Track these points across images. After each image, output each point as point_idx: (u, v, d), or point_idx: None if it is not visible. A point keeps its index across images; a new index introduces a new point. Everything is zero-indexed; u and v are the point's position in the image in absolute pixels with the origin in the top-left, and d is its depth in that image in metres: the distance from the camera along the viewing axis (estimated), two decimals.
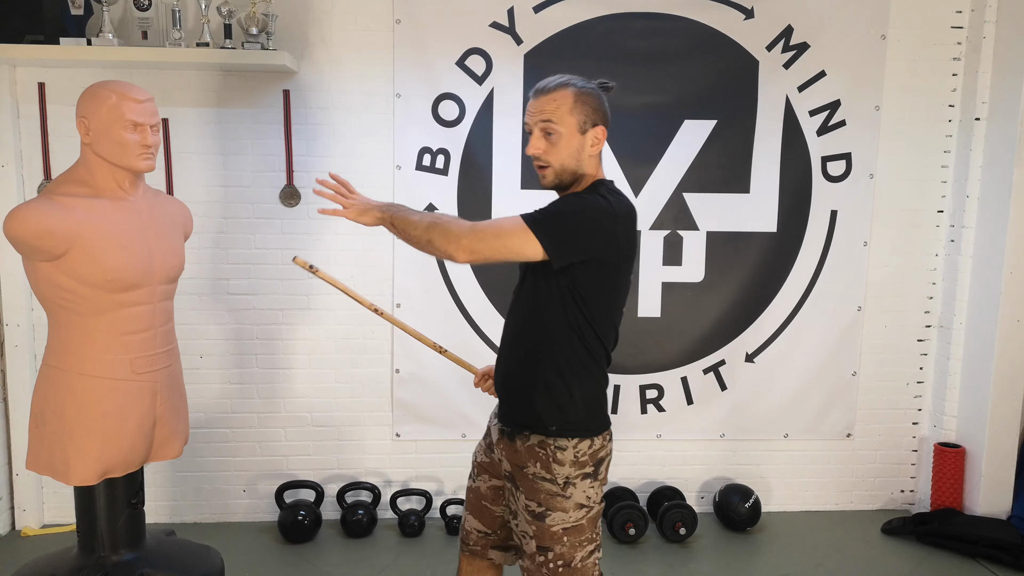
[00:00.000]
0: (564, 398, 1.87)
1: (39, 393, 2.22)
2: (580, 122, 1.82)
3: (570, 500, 1.88)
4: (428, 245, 1.81)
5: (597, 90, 1.88)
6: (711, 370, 3.55)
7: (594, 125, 1.84)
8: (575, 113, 1.82)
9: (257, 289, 3.35)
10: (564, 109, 1.81)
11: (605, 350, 1.91)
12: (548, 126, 1.82)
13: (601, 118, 1.85)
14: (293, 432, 3.46)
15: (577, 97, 1.82)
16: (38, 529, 3.34)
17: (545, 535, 1.89)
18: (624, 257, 1.85)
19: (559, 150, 1.83)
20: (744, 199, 3.44)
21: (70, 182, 2.17)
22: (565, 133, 1.82)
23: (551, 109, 1.82)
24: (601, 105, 1.86)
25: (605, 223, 1.78)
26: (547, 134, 1.83)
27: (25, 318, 3.23)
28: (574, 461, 1.87)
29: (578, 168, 1.85)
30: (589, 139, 1.84)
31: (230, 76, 3.23)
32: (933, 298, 3.60)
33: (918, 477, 3.71)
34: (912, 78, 3.44)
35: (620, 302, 1.92)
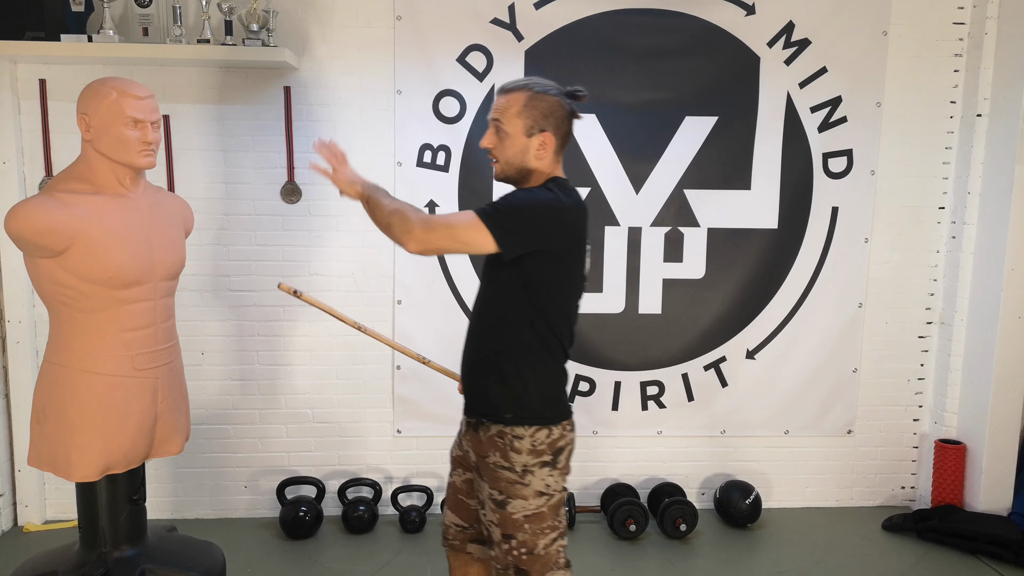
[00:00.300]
0: (519, 388, 1.93)
1: (40, 389, 2.22)
2: (527, 126, 1.89)
3: (529, 488, 1.94)
4: (387, 229, 1.89)
5: (556, 97, 1.91)
6: (712, 367, 3.55)
7: (541, 131, 1.89)
8: (523, 116, 1.88)
9: (258, 286, 3.35)
10: (513, 111, 1.89)
11: (559, 342, 1.96)
12: (498, 124, 1.92)
13: (551, 124, 1.90)
14: (294, 428, 3.46)
15: (528, 101, 1.89)
16: (40, 525, 3.34)
17: (507, 523, 1.95)
18: (573, 249, 1.91)
19: (506, 148, 1.92)
20: (745, 196, 3.43)
21: (71, 179, 2.17)
22: (511, 133, 1.90)
23: (502, 108, 1.91)
24: (554, 112, 1.90)
25: (552, 215, 1.85)
26: (497, 131, 1.92)
27: (27, 314, 3.23)
28: (531, 450, 1.93)
29: (524, 166, 1.92)
30: (535, 143, 1.90)
31: (231, 73, 3.23)
32: (934, 294, 3.60)
33: (919, 474, 3.71)
34: (914, 74, 3.44)
35: (572, 294, 1.97)
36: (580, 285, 1.99)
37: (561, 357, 1.99)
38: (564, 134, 1.94)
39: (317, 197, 3.33)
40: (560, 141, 1.93)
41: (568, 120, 1.94)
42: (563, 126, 1.93)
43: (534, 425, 1.93)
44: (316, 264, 3.37)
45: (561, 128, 1.92)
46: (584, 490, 3.60)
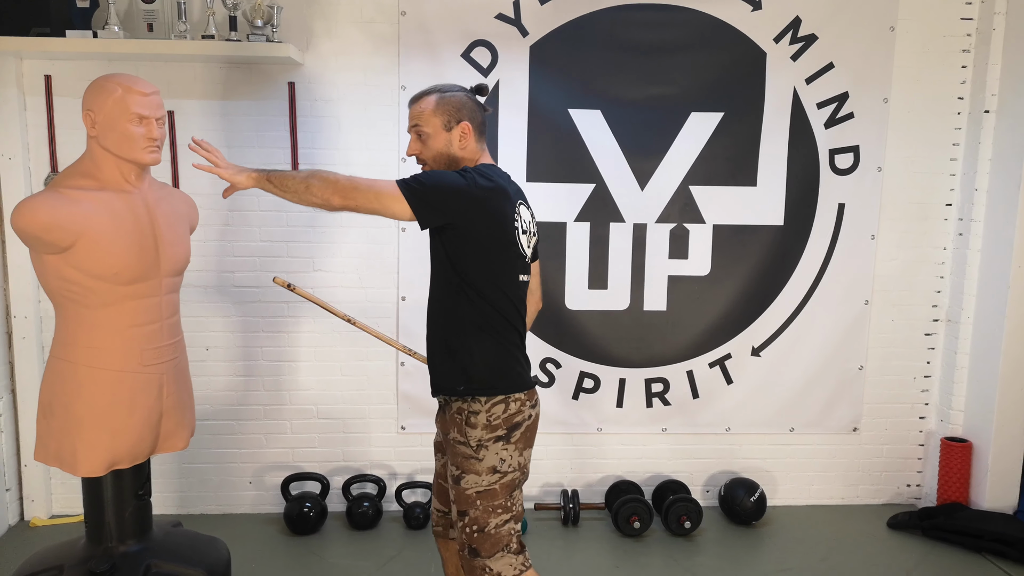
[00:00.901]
0: (465, 359, 2.02)
1: (47, 385, 2.23)
2: (444, 121, 2.07)
3: (482, 463, 2.01)
4: (307, 192, 1.94)
5: (461, 93, 2.10)
6: (717, 364, 3.55)
7: (458, 122, 2.07)
8: (438, 114, 2.06)
9: (263, 282, 3.35)
10: (428, 112, 2.07)
11: (502, 316, 2.03)
12: (418, 129, 2.09)
13: (466, 115, 2.08)
14: (299, 424, 3.47)
15: (439, 101, 2.07)
16: (46, 519, 3.36)
17: (461, 498, 2.03)
18: (493, 228, 2.00)
19: (430, 147, 2.09)
20: (751, 192, 3.42)
21: (76, 175, 2.17)
22: (432, 132, 2.07)
23: (417, 114, 2.09)
24: (466, 104, 2.08)
25: (463, 194, 1.95)
26: (419, 136, 2.09)
27: (32, 310, 3.24)
28: (486, 424, 2.01)
29: (450, 157, 2.09)
30: (455, 134, 2.07)
31: (235, 68, 3.22)
32: (941, 292, 3.59)
33: (924, 471, 3.70)
34: (921, 70, 3.41)
35: (502, 271, 2.04)
36: (512, 264, 2.05)
37: (508, 331, 2.05)
38: (479, 123, 2.11)
39: None
40: (478, 130, 2.10)
41: (480, 111, 2.12)
42: (476, 116, 2.10)
43: (486, 396, 2.01)
44: (320, 260, 3.37)
45: (475, 118, 2.10)
46: (588, 487, 3.60)
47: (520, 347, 2.11)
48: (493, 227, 2.00)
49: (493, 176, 2.04)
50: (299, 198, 1.97)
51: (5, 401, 3.24)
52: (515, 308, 2.08)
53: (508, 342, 2.06)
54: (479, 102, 2.14)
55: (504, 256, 2.04)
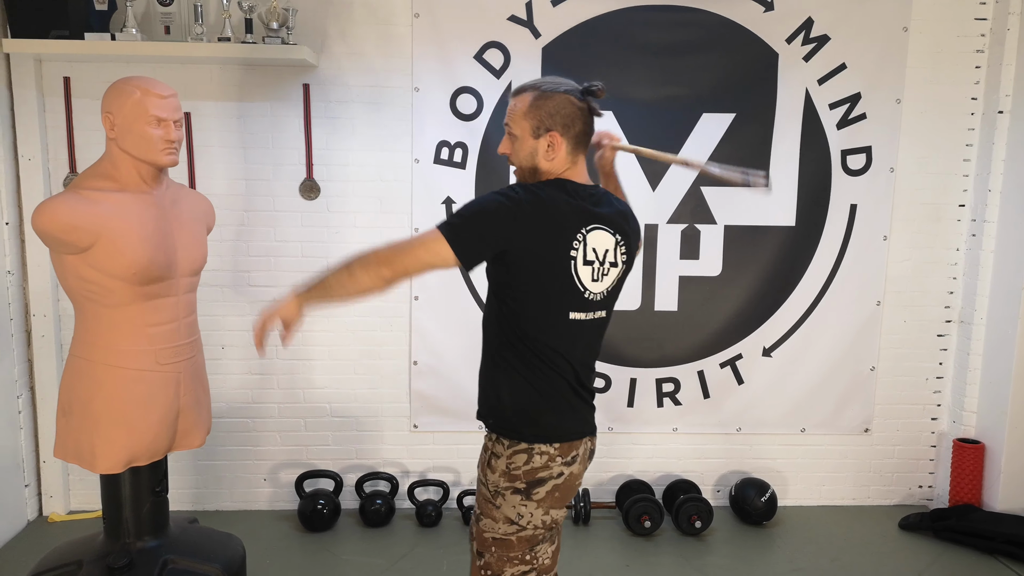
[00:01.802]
0: (497, 391, 1.86)
1: (66, 383, 2.27)
2: (533, 127, 1.81)
3: (499, 511, 1.84)
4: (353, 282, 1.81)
5: (564, 94, 1.81)
6: (728, 364, 3.55)
7: (548, 131, 1.80)
8: (528, 118, 1.81)
9: (278, 281, 3.39)
10: (519, 113, 1.82)
11: (536, 355, 1.80)
12: (508, 128, 1.86)
13: (558, 123, 1.80)
14: (313, 422, 3.50)
15: (534, 102, 1.80)
16: (64, 515, 3.41)
17: (478, 538, 1.90)
18: (527, 252, 1.75)
19: (517, 151, 1.85)
20: (763, 193, 3.42)
21: (96, 176, 2.21)
22: (519, 136, 1.83)
23: (510, 112, 1.85)
24: (561, 110, 1.80)
25: (499, 216, 1.73)
26: (509, 135, 1.86)
27: (51, 308, 3.29)
28: (504, 472, 1.83)
29: (534, 168, 1.84)
30: (542, 144, 1.81)
31: (251, 70, 3.26)
32: (953, 293, 3.58)
33: (936, 473, 3.69)
34: (934, 71, 3.40)
35: (543, 304, 1.80)
36: (561, 299, 1.79)
37: (548, 374, 1.81)
38: (577, 133, 1.81)
39: (335, 194, 3.36)
40: (572, 141, 1.81)
41: (582, 118, 1.81)
42: (574, 125, 1.80)
43: (508, 439, 1.83)
44: (335, 260, 3.38)
45: (572, 127, 1.80)
46: (599, 486, 3.61)
47: (563, 393, 1.84)
48: (537, 251, 1.75)
49: (548, 193, 1.78)
50: (349, 291, 1.81)
51: (24, 398, 3.29)
52: (561, 350, 1.82)
53: (547, 386, 1.82)
54: (587, 106, 1.83)
55: (550, 288, 1.78)
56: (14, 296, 3.21)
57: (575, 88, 1.83)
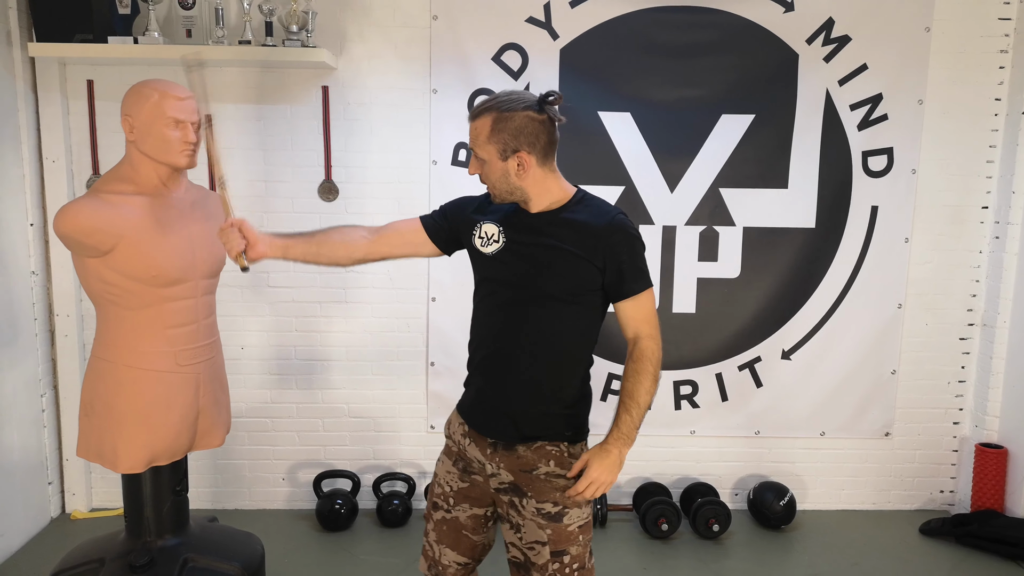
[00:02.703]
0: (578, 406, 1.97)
1: (88, 384, 2.29)
2: (499, 150, 1.78)
3: None
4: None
5: (525, 111, 1.76)
6: (746, 367, 3.53)
7: (515, 151, 1.77)
8: (492, 141, 1.77)
9: (296, 282, 3.41)
10: (482, 139, 1.78)
11: None
12: (474, 153, 1.83)
13: (524, 142, 1.76)
14: (330, 423, 3.52)
15: (495, 124, 1.76)
16: (87, 513, 3.45)
17: (561, 537, 1.86)
18: None
19: (488, 174, 1.83)
20: (782, 194, 3.40)
21: (116, 180, 2.23)
22: (487, 160, 1.80)
23: (473, 138, 1.82)
24: (525, 128, 1.76)
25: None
26: (477, 159, 1.84)
27: (74, 309, 3.33)
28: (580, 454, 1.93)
29: (513, 188, 1.82)
30: (512, 164, 1.78)
31: (271, 73, 3.28)
32: (976, 296, 3.53)
33: (958, 478, 3.65)
34: (957, 71, 3.36)
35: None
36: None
37: None
38: (544, 145, 1.80)
39: (354, 195, 3.37)
40: (541, 154, 1.80)
41: (546, 130, 1.79)
42: (539, 138, 1.78)
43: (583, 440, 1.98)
44: None
45: (538, 141, 1.78)
46: (616, 488, 3.60)
47: None
48: None
49: None
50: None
51: (48, 397, 3.33)
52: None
53: None
54: (548, 116, 1.80)
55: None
56: (38, 296, 3.26)
57: (532, 101, 1.78)
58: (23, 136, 3.15)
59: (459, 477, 1.98)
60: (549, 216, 1.86)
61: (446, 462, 2.02)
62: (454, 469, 1.99)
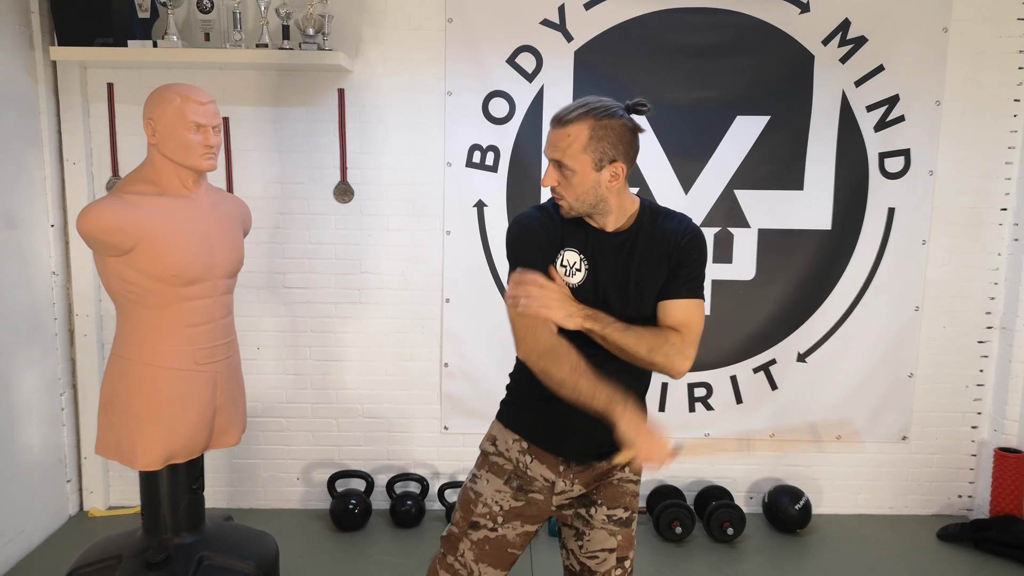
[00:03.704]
0: None
1: (108, 382, 2.32)
2: (595, 160, 1.68)
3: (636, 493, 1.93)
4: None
5: (623, 118, 1.70)
6: (761, 369, 3.51)
7: (612, 161, 1.69)
8: (589, 151, 1.67)
9: (311, 283, 3.43)
10: (577, 147, 1.67)
11: None
12: (560, 163, 1.71)
13: (622, 152, 1.69)
14: (345, 423, 3.54)
15: (593, 132, 1.67)
16: (104, 510, 3.49)
17: (627, 542, 1.86)
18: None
19: (573, 186, 1.71)
20: (798, 196, 3.38)
21: (138, 181, 2.27)
22: (578, 171, 1.69)
23: (564, 147, 1.69)
24: (624, 137, 1.69)
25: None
26: (561, 169, 1.71)
27: (93, 309, 3.37)
28: None
29: (597, 201, 1.73)
30: (606, 175, 1.70)
31: (287, 75, 3.31)
32: (995, 298, 3.49)
33: (977, 482, 3.60)
34: (975, 72, 3.33)
35: None
36: None
37: None
38: (634, 156, 1.74)
39: (369, 197, 3.39)
40: (631, 166, 1.73)
41: (636, 140, 1.72)
42: (632, 148, 1.72)
43: None
44: (367, 262, 3.43)
45: (632, 151, 1.72)
46: None
47: None
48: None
49: None
50: None
51: (67, 396, 3.37)
52: None
53: None
54: (634, 126, 1.72)
55: None
56: (58, 296, 3.30)
57: (622, 108, 1.72)
58: (44, 138, 3.20)
59: (512, 496, 1.89)
60: (627, 235, 1.80)
61: (494, 480, 1.90)
62: (506, 488, 1.89)
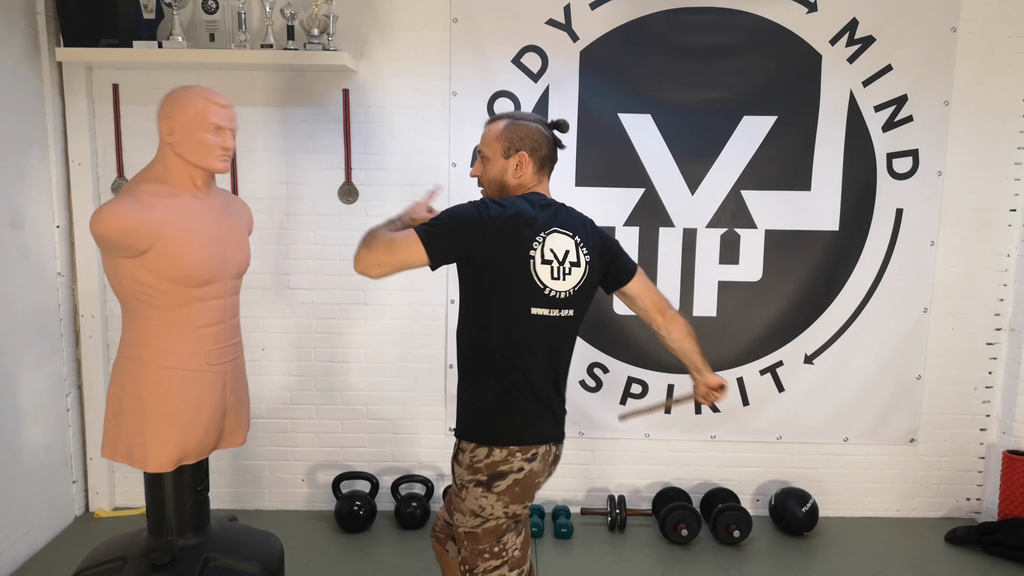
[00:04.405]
0: (462, 399, 2.04)
1: (116, 384, 2.31)
2: (504, 148, 2.06)
3: (464, 504, 2.00)
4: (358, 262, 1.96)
5: (533, 124, 2.07)
6: (768, 371, 3.49)
7: (517, 151, 2.05)
8: (500, 140, 2.06)
9: (316, 284, 3.43)
10: (492, 136, 2.08)
11: (498, 361, 1.95)
12: (481, 152, 2.11)
13: (527, 145, 2.05)
14: (350, 424, 3.53)
15: (507, 127, 2.07)
16: (110, 511, 3.49)
17: (457, 533, 2.05)
18: (501, 262, 1.92)
19: (488, 171, 2.10)
20: (805, 197, 3.36)
21: (150, 181, 2.25)
22: (491, 157, 2.08)
23: (484, 137, 2.11)
24: (530, 136, 2.05)
25: (470, 224, 1.91)
26: (482, 159, 2.11)
27: (99, 310, 3.37)
28: (469, 465, 1.98)
29: (502, 184, 2.08)
30: (512, 163, 2.06)
31: (292, 76, 3.31)
32: (1004, 300, 3.47)
33: (985, 485, 3.58)
34: (984, 72, 3.31)
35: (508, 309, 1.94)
36: (522, 296, 1.93)
37: (509, 372, 1.94)
38: (543, 156, 2.07)
39: (374, 197, 3.39)
40: (538, 163, 2.06)
41: (548, 145, 2.08)
42: (540, 149, 2.06)
43: (471, 441, 1.98)
44: None
45: (538, 151, 2.06)
46: (635, 493, 3.58)
47: (523, 391, 1.96)
48: (499, 255, 1.91)
49: (513, 204, 1.96)
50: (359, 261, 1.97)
51: (72, 397, 3.37)
52: (519, 347, 1.95)
53: (501, 389, 1.95)
54: (553, 137, 2.11)
55: (512, 286, 1.93)
56: (63, 297, 3.30)
57: (542, 121, 2.11)
58: (50, 139, 3.20)
59: None
60: None
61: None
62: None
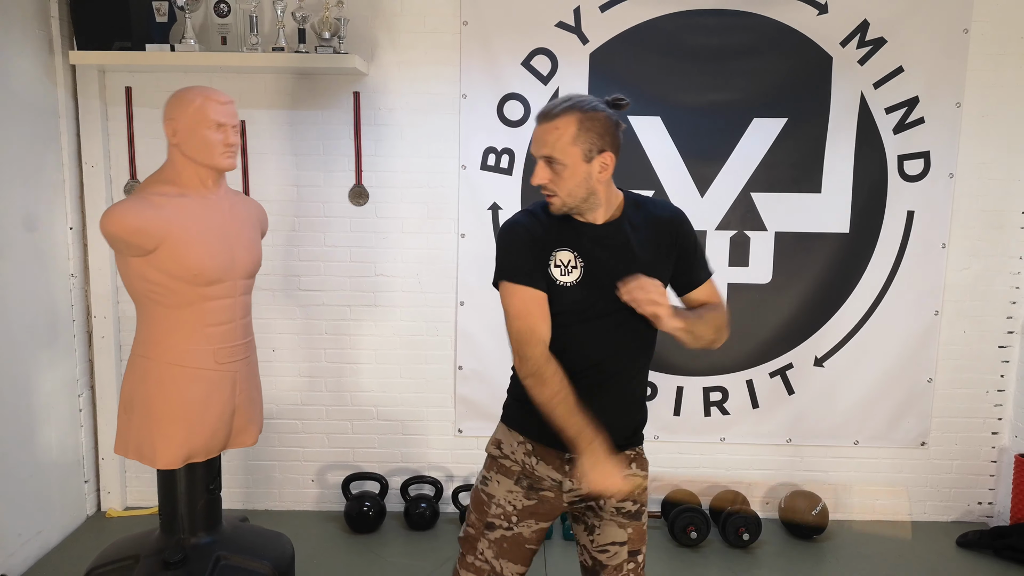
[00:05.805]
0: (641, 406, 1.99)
1: (128, 382, 2.34)
2: (585, 151, 1.71)
3: None
4: None
5: (606, 111, 1.74)
6: (778, 373, 3.48)
7: (600, 151, 1.72)
8: (578, 142, 1.70)
9: (327, 285, 3.45)
10: (566, 140, 1.70)
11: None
12: (550, 158, 1.73)
13: (609, 143, 1.73)
14: (359, 425, 3.55)
15: (581, 124, 1.70)
16: (121, 511, 3.51)
17: (638, 535, 1.90)
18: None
19: (565, 180, 1.73)
20: (815, 199, 3.35)
21: (159, 182, 2.29)
22: (569, 164, 1.72)
23: (552, 141, 1.72)
24: (609, 129, 1.73)
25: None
26: (551, 166, 1.74)
27: (111, 311, 3.40)
28: None
29: (590, 195, 1.76)
30: (596, 166, 1.73)
31: (303, 79, 3.32)
32: (1016, 303, 3.45)
33: (997, 489, 3.56)
34: (996, 73, 3.29)
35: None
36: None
37: None
38: (619, 148, 1.78)
39: (384, 200, 3.40)
40: (617, 157, 1.78)
41: (620, 132, 1.78)
42: (617, 139, 1.76)
43: None
44: (382, 265, 3.44)
45: (616, 144, 1.76)
46: None
47: None
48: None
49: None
50: None
51: (85, 397, 3.40)
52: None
53: None
54: (617, 120, 1.77)
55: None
56: (76, 298, 3.33)
57: (603, 103, 1.76)
58: (63, 142, 3.23)
59: (524, 495, 1.92)
60: (616, 225, 1.83)
61: (504, 482, 1.92)
62: (516, 488, 1.92)
